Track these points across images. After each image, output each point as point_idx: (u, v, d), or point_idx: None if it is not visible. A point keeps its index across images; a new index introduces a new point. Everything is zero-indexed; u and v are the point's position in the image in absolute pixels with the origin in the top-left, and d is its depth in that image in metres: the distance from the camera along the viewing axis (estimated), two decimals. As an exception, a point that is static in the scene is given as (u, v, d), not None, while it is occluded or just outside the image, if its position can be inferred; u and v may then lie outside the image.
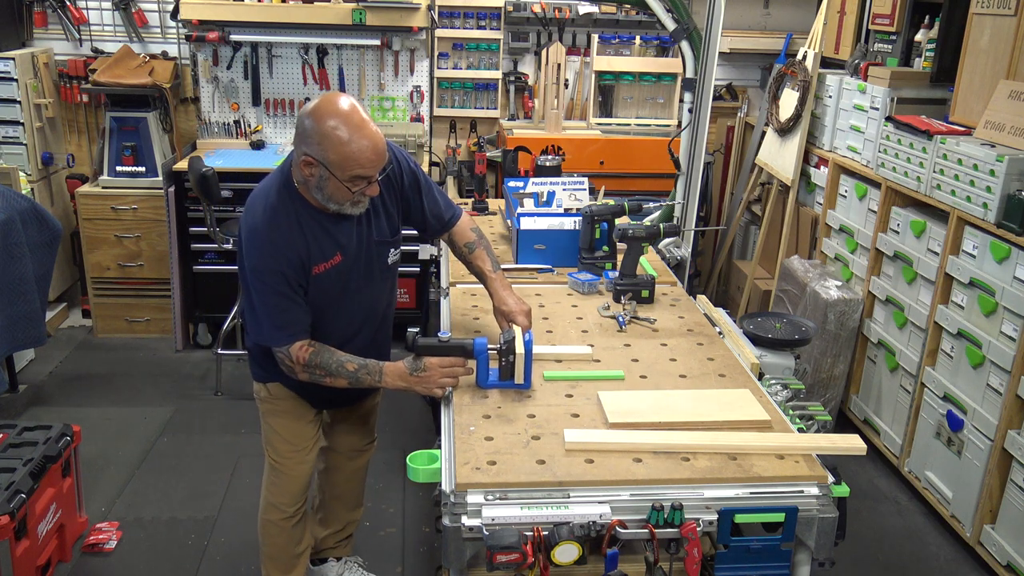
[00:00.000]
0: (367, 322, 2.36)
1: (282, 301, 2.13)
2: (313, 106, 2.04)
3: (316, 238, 2.15)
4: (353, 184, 2.05)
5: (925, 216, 3.40)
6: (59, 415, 3.76)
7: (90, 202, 4.50)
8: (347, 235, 2.20)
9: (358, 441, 2.69)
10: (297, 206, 2.14)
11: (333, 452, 2.70)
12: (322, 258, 2.17)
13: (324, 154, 2.01)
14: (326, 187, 2.07)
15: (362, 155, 2.01)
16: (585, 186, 3.23)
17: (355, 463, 2.72)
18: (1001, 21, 3.18)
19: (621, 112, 5.09)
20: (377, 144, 2.03)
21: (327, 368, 2.15)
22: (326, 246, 2.17)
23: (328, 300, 2.22)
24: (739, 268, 4.95)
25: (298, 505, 2.50)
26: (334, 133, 1.99)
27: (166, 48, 4.88)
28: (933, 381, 3.29)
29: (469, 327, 2.49)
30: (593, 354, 2.34)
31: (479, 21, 4.94)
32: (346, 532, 2.81)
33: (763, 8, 5.23)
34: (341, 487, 2.73)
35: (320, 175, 2.05)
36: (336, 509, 2.76)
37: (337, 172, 2.02)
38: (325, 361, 2.15)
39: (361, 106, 2.06)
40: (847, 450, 1.89)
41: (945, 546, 3.21)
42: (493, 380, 2.14)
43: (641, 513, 1.72)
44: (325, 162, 2.02)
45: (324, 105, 2.02)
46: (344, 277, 2.23)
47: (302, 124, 2.03)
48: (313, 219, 2.15)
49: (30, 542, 2.65)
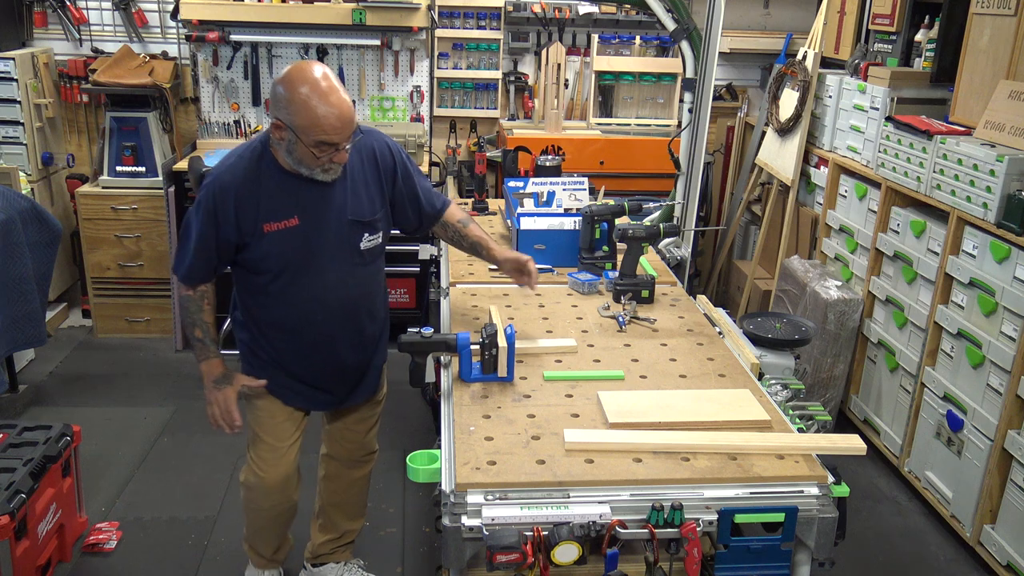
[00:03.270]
0: (338, 310, 2.34)
1: (202, 244, 2.22)
2: (285, 73, 2.10)
3: (272, 195, 2.20)
4: (319, 150, 2.10)
5: (925, 216, 3.40)
6: (59, 415, 3.76)
7: (90, 202, 4.50)
8: (312, 201, 2.23)
9: (356, 450, 2.67)
10: (265, 163, 2.21)
11: (331, 459, 2.69)
12: (275, 216, 2.21)
13: (291, 119, 2.07)
14: (294, 151, 2.13)
15: (327, 121, 2.05)
16: (585, 186, 3.23)
17: (354, 473, 2.70)
18: (1001, 21, 3.18)
19: (621, 112, 5.09)
20: (343, 112, 2.08)
21: (186, 314, 2.35)
22: (282, 205, 2.21)
23: (288, 266, 2.25)
24: (739, 268, 4.95)
25: (272, 502, 2.54)
26: (301, 99, 2.05)
27: (166, 48, 4.88)
28: (933, 381, 3.29)
29: (469, 327, 2.49)
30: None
31: (479, 21, 4.94)
32: (344, 540, 2.78)
33: (763, 8, 5.23)
34: (340, 495, 2.72)
35: (289, 139, 2.11)
36: (334, 517, 2.74)
37: (303, 137, 2.08)
38: (190, 309, 2.33)
39: (332, 75, 2.11)
40: (847, 450, 1.89)
41: (945, 546, 3.22)
42: (476, 374, 2.15)
43: (641, 513, 1.72)
44: (292, 126, 2.08)
45: (295, 72, 2.08)
46: (304, 245, 2.24)
47: (274, 90, 2.11)
48: (275, 177, 2.20)
49: (30, 542, 2.64)
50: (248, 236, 2.21)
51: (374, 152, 2.35)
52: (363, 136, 2.31)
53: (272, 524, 2.61)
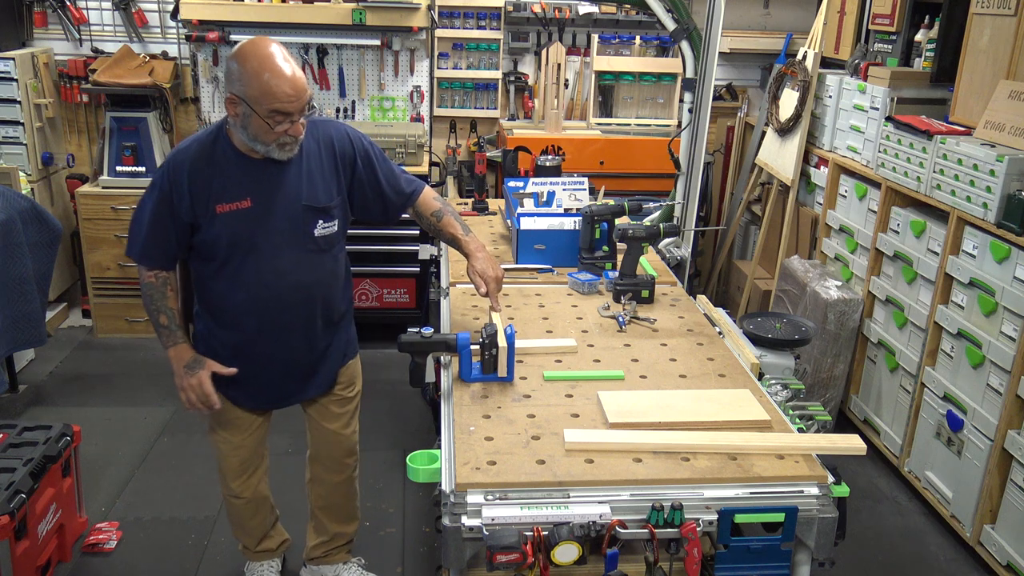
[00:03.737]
0: (291, 296, 2.32)
1: (158, 225, 2.22)
2: (237, 48, 2.14)
3: (225, 175, 2.21)
4: (273, 120, 2.10)
5: (925, 216, 3.40)
6: (59, 415, 3.76)
7: (90, 202, 4.50)
8: (265, 183, 2.24)
9: (335, 451, 2.65)
10: (220, 145, 2.22)
11: (315, 462, 2.69)
12: (227, 198, 2.21)
13: (245, 89, 2.09)
14: (249, 125, 2.13)
15: (279, 88, 2.07)
16: (585, 186, 3.23)
17: (335, 476, 2.68)
18: (1001, 21, 3.18)
19: (621, 112, 5.09)
20: (295, 80, 2.10)
21: (149, 301, 2.33)
22: (234, 186, 2.21)
23: (238, 248, 2.25)
24: (739, 268, 4.95)
25: (233, 494, 2.59)
26: (253, 70, 2.07)
27: (166, 48, 4.88)
28: (933, 381, 3.29)
29: (469, 327, 2.49)
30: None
31: (479, 21, 4.94)
32: (336, 543, 2.77)
33: (763, 8, 5.23)
34: (325, 499, 2.71)
35: (243, 113, 2.12)
36: (323, 520, 2.74)
37: (256, 107, 2.09)
38: (153, 296, 2.32)
39: (283, 50, 2.13)
40: (847, 450, 1.89)
41: (945, 546, 3.21)
42: (476, 374, 2.15)
43: (641, 513, 1.72)
44: (246, 97, 2.09)
45: (247, 46, 2.12)
46: (255, 227, 2.24)
47: (228, 67, 2.12)
48: (229, 158, 2.22)
49: (30, 542, 2.64)
50: (201, 217, 2.22)
51: (332, 140, 2.35)
52: (322, 124, 2.35)
53: (241, 514, 2.66)
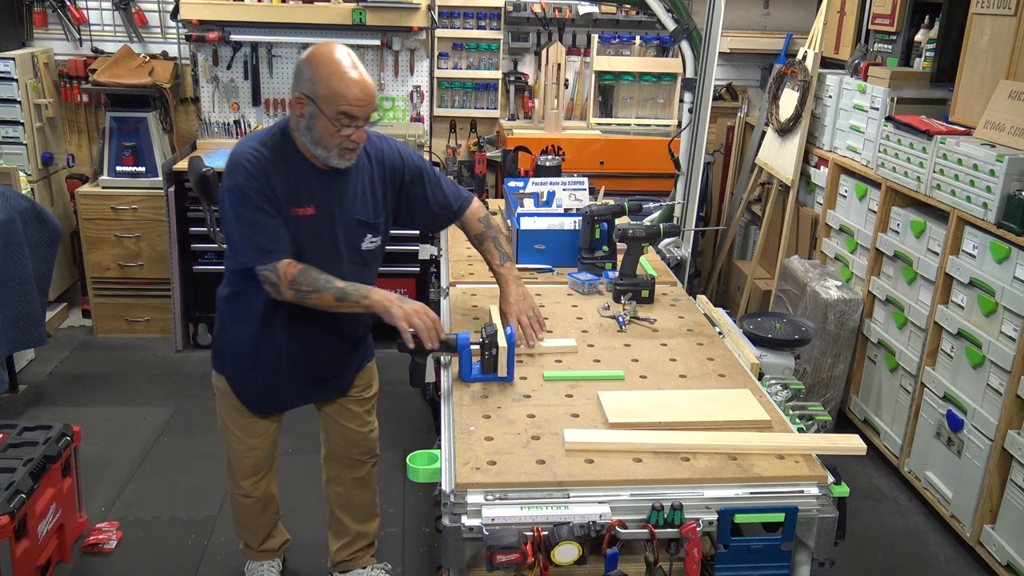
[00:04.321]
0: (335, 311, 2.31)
1: (263, 218, 2.15)
2: (311, 50, 2.14)
3: (295, 180, 2.20)
4: (339, 122, 2.10)
5: (925, 216, 3.40)
6: (59, 415, 3.76)
7: (90, 202, 4.50)
8: (327, 193, 2.24)
9: (351, 449, 2.66)
10: (287, 147, 2.21)
11: (331, 460, 2.69)
12: (297, 202, 2.20)
13: (314, 89, 2.09)
14: (315, 126, 2.13)
15: (349, 91, 2.08)
16: (585, 186, 3.23)
17: (353, 473, 2.69)
18: (1001, 21, 3.18)
19: (621, 112, 5.09)
20: (366, 85, 2.11)
21: (314, 284, 2.15)
22: (303, 192, 2.21)
23: (305, 252, 2.23)
24: (739, 268, 4.95)
25: (244, 493, 2.59)
26: (325, 71, 2.08)
27: (166, 48, 4.88)
28: (933, 381, 3.29)
29: (469, 327, 2.49)
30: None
31: (479, 21, 4.94)
32: (359, 545, 2.77)
33: (763, 8, 5.23)
34: (344, 497, 2.72)
35: (310, 113, 2.12)
36: (343, 520, 2.74)
37: (325, 107, 2.09)
38: (312, 278, 2.16)
39: (355, 56, 2.14)
40: (847, 450, 1.89)
41: (945, 546, 3.21)
42: (476, 374, 2.15)
43: (641, 513, 1.72)
44: (314, 97, 2.09)
45: (321, 48, 2.13)
46: (318, 234, 2.24)
47: (298, 67, 2.14)
48: (297, 163, 2.21)
49: (30, 542, 2.64)
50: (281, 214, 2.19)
51: (383, 156, 2.36)
52: (376, 140, 2.35)
53: (248, 512, 2.66)
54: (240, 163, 2.16)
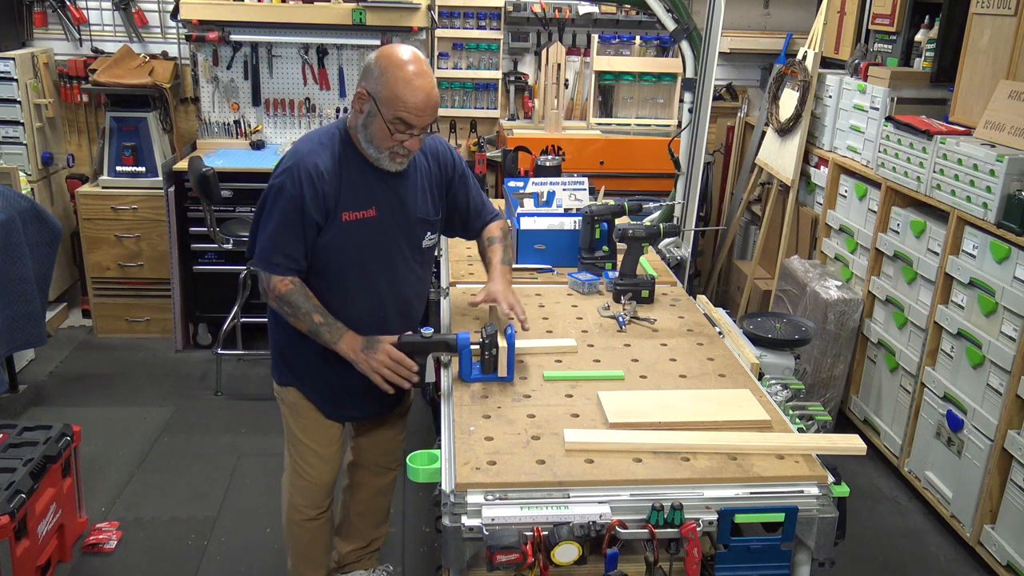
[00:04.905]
0: (394, 307, 2.31)
1: (287, 229, 2.14)
2: (383, 48, 2.12)
3: (353, 182, 2.17)
4: (394, 126, 2.07)
5: (925, 216, 3.40)
6: (59, 415, 3.76)
7: (90, 202, 4.50)
8: (387, 194, 2.22)
9: (383, 458, 2.66)
10: (346, 147, 2.18)
11: (359, 468, 2.68)
12: (355, 206, 2.17)
13: (377, 88, 2.06)
14: (370, 125, 2.10)
15: (411, 97, 2.04)
16: (585, 186, 3.23)
17: (380, 480, 2.70)
18: (1001, 21, 3.18)
19: (621, 112, 5.09)
20: (430, 94, 2.07)
21: (296, 309, 2.16)
22: (362, 195, 2.18)
23: (356, 257, 2.21)
24: (739, 268, 4.95)
25: (320, 509, 2.50)
26: (393, 71, 2.05)
27: (166, 48, 4.88)
28: (933, 381, 3.29)
29: (469, 327, 2.48)
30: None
31: (479, 21, 4.94)
32: (371, 548, 2.78)
33: (763, 8, 5.23)
34: (366, 504, 2.71)
35: (368, 111, 2.09)
36: (360, 526, 2.73)
37: (383, 109, 2.06)
38: (297, 301, 2.16)
39: (427, 65, 2.11)
40: (847, 450, 1.89)
41: (945, 546, 3.22)
42: (476, 374, 2.15)
43: (641, 513, 1.72)
44: (376, 95, 2.06)
45: (392, 49, 2.09)
46: (376, 237, 2.22)
47: (367, 63, 2.11)
48: (356, 164, 2.18)
49: (30, 542, 2.65)
50: (327, 223, 2.16)
51: (438, 154, 2.36)
52: (429, 139, 2.34)
53: (317, 539, 2.55)
54: (296, 167, 2.12)
